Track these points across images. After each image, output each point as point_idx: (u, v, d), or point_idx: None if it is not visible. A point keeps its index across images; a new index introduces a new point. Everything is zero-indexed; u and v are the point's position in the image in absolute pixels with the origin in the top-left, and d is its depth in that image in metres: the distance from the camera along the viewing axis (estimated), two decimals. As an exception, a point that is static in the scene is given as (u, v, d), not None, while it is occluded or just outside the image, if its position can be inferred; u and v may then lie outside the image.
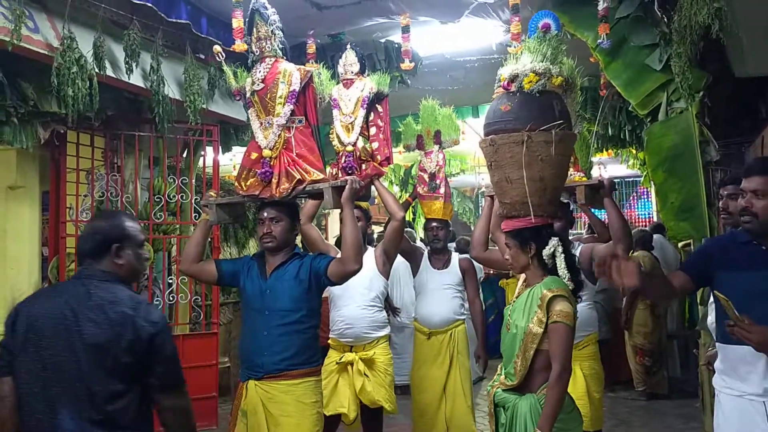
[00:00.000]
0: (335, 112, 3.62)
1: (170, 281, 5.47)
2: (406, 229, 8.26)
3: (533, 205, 2.76)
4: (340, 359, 4.04)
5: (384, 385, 4.13)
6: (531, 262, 2.80)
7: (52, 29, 4.29)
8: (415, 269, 4.63)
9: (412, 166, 11.24)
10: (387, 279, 4.29)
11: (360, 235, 3.11)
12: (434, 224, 4.50)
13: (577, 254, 3.58)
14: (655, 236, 7.42)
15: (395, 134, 9.19)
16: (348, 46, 3.98)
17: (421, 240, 7.99)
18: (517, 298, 2.86)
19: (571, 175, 3.72)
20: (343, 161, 3.50)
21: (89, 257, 2.23)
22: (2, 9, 3.87)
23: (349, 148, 3.53)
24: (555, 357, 2.60)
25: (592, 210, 4.07)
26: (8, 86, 4.19)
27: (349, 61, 3.88)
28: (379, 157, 3.71)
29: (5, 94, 4.18)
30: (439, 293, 4.46)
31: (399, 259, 7.27)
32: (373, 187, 3.62)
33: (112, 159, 5.44)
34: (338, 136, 3.59)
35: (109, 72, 4.58)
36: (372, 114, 3.77)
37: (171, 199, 5.56)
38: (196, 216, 5.51)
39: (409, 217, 11.95)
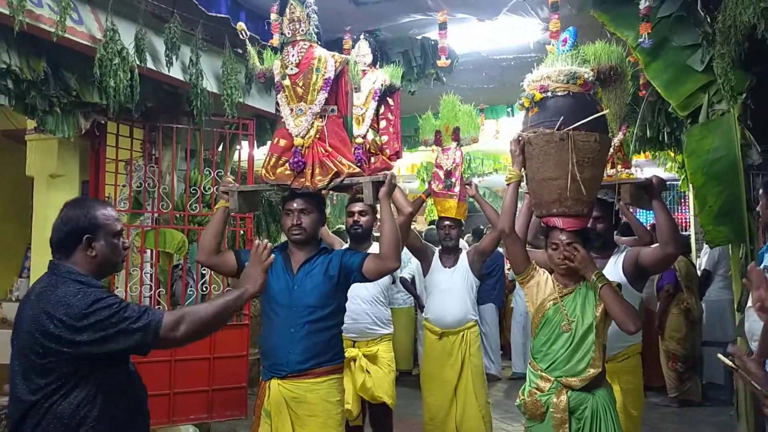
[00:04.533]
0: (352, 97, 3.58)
1: (204, 272, 5.53)
2: (430, 228, 8.23)
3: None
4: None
5: (386, 380, 4.09)
6: None
7: (96, 21, 4.37)
8: (425, 268, 4.58)
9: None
10: (391, 275, 4.26)
11: (398, 231, 3.01)
12: (447, 223, 4.43)
13: (622, 258, 3.46)
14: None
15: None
16: (361, 37, 3.91)
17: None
18: (562, 298, 2.88)
19: (618, 172, 3.63)
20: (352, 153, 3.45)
21: (58, 250, 2.13)
22: (48, 1, 3.95)
23: (359, 140, 3.46)
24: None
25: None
26: (52, 76, 4.28)
27: (362, 51, 3.79)
28: (388, 151, 3.65)
29: (49, 83, 4.27)
30: (451, 293, 4.38)
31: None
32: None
33: (150, 150, 5.52)
34: None
35: (150, 64, 4.65)
36: (383, 107, 3.72)
37: (206, 191, 5.63)
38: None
39: (429, 216, 11.89)
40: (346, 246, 4.12)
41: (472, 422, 4.25)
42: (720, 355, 1.99)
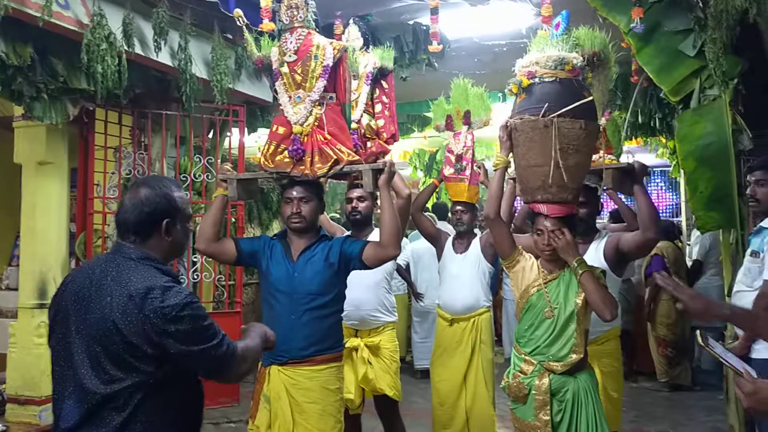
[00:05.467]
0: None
1: (195, 260, 5.52)
2: (427, 214, 8.21)
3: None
4: (345, 344, 3.98)
5: (389, 371, 4.04)
6: None
7: (83, 6, 4.32)
8: (439, 253, 4.56)
9: (437, 151, 11.18)
10: (395, 259, 4.23)
11: (398, 218, 3.01)
12: (458, 207, 4.38)
13: (604, 243, 3.47)
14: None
15: (421, 118, 9.20)
16: (351, 21, 3.87)
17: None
18: (546, 284, 2.90)
19: (600, 157, 3.63)
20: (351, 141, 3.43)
21: (134, 233, 1.97)
22: (34, -15, 3.91)
23: (354, 125, 3.43)
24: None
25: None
26: (39, 62, 4.23)
27: (352, 36, 3.75)
28: (384, 135, 3.62)
29: (36, 69, 4.22)
30: (461, 279, 4.30)
31: (422, 243, 7.31)
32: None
33: (140, 137, 5.49)
34: None
35: (138, 50, 4.61)
36: (377, 90, 3.68)
37: (196, 179, 5.60)
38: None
39: (432, 201, 11.88)
40: (347, 234, 4.09)
41: (482, 409, 4.20)
42: (698, 333, 2.01)
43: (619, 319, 3.57)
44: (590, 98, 2.87)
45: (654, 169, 12.78)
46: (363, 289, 3.93)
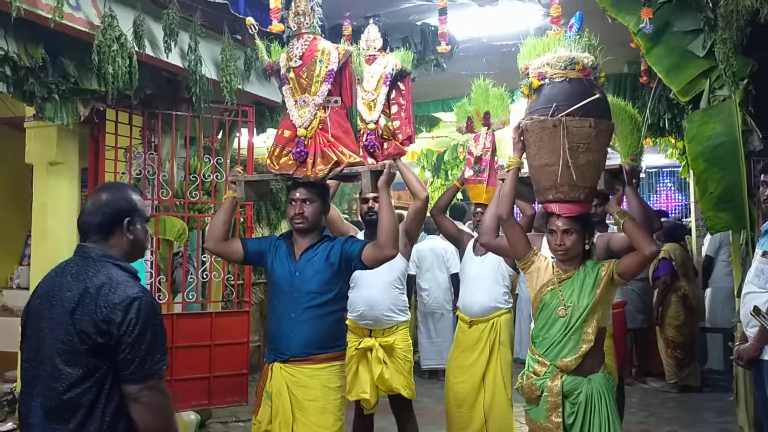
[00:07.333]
0: (356, 88, 3.58)
1: (204, 259, 5.54)
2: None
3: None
4: (359, 345, 3.97)
5: (403, 372, 4.06)
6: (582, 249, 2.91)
7: (93, 7, 4.34)
8: (461, 254, 4.53)
9: (445, 152, 11.17)
10: (408, 260, 4.21)
11: (396, 219, 3.06)
12: (479, 209, 4.38)
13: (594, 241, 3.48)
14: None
15: (429, 118, 9.20)
16: (371, 22, 3.90)
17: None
18: (560, 283, 2.91)
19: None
20: (364, 139, 3.45)
21: (97, 233, 2.11)
22: (45, -14, 3.93)
23: (371, 126, 3.50)
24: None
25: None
26: (50, 63, 4.25)
27: (371, 36, 3.80)
28: (400, 136, 3.66)
29: (47, 70, 4.24)
30: (479, 281, 4.32)
31: (425, 245, 7.32)
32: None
33: (150, 137, 5.50)
34: (360, 114, 3.52)
35: (148, 51, 4.62)
36: (394, 92, 3.72)
37: (206, 179, 5.62)
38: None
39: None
40: (360, 234, 4.11)
41: (500, 410, 4.20)
42: (755, 308, 2.10)
43: (610, 318, 3.67)
44: (597, 95, 2.87)
45: (663, 170, 12.73)
46: (377, 288, 3.97)
